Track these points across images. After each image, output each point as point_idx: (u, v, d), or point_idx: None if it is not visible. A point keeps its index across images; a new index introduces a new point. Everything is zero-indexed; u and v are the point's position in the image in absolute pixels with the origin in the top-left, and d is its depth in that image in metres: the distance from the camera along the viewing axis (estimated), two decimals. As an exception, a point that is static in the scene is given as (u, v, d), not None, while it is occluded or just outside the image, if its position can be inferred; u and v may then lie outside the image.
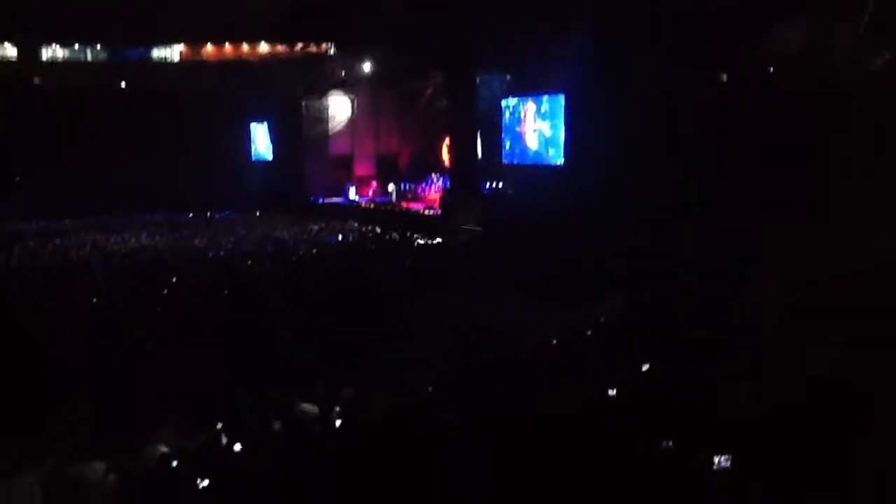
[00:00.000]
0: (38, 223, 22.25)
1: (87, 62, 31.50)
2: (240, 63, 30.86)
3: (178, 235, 19.05)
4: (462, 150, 19.68)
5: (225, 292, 10.84)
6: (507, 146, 19.62)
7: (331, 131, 26.55)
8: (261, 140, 29.57)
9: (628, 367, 5.39)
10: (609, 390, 4.82)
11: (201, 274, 12.57)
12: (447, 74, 20.58)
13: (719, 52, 12.18)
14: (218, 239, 17.53)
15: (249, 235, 18.44)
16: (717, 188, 10.82)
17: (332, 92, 26.34)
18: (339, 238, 17.90)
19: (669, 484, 3.59)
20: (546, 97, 17.78)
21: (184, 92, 28.05)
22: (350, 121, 26.72)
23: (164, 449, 4.33)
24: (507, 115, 19.52)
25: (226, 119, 28.56)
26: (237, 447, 4.55)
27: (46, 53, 31.16)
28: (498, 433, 4.08)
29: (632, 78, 12.99)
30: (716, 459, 3.56)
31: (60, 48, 31.19)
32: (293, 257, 14.38)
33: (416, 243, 16.64)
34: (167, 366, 7.15)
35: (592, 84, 14.65)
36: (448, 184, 21.21)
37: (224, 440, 4.65)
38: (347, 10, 25.01)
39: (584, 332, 7.56)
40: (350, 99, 26.54)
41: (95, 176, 25.94)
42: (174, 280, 11.69)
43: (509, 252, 13.10)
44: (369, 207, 23.87)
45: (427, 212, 21.12)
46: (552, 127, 17.64)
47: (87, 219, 22.85)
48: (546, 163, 17.91)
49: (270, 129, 28.76)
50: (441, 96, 22.61)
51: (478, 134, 19.74)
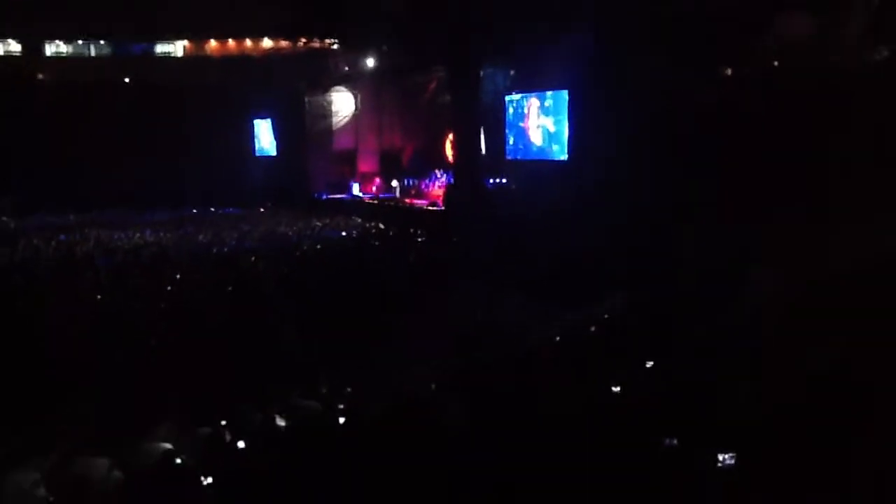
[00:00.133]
0: (42, 218, 22.26)
1: (90, 57, 31.43)
2: (243, 58, 30.78)
3: (182, 232, 19.07)
4: (465, 145, 19.57)
5: (228, 288, 10.88)
6: (511, 142, 19.58)
7: (334, 127, 26.55)
8: (264, 136, 29.57)
9: (629, 366, 5.41)
10: (610, 389, 4.85)
11: (205, 270, 12.61)
12: (450, 70, 20.51)
13: (719, 51, 12.17)
14: (222, 235, 17.56)
15: (253, 231, 18.45)
16: (718, 188, 10.82)
17: (336, 87, 26.32)
18: (343, 234, 17.93)
19: (670, 483, 3.61)
20: (550, 93, 17.74)
21: (187, 87, 27.96)
22: (353, 116, 26.74)
23: (167, 445, 4.35)
24: (511, 110, 19.47)
25: (229, 114, 28.58)
26: (240, 444, 4.58)
27: (50, 49, 31.15)
28: (499, 431, 4.10)
29: (632, 77, 12.98)
30: (717, 458, 3.58)
31: (64, 44, 31.17)
32: (297, 253, 14.40)
33: (419, 240, 16.65)
34: (170, 362, 7.19)
35: (593, 83, 14.65)
36: (451, 179, 21.17)
37: (227, 437, 4.68)
38: (351, 7, 24.93)
39: (585, 331, 7.59)
40: (353, 94, 26.53)
41: (98, 171, 25.93)
42: (178, 276, 11.72)
43: (512, 249, 13.10)
44: (373, 203, 23.84)
45: (431, 207, 21.11)
46: (556, 122, 17.59)
47: (91, 214, 22.88)
48: (550, 158, 17.88)
49: (274, 125, 28.76)
50: (444, 91, 22.54)
51: (481, 129, 19.66)
